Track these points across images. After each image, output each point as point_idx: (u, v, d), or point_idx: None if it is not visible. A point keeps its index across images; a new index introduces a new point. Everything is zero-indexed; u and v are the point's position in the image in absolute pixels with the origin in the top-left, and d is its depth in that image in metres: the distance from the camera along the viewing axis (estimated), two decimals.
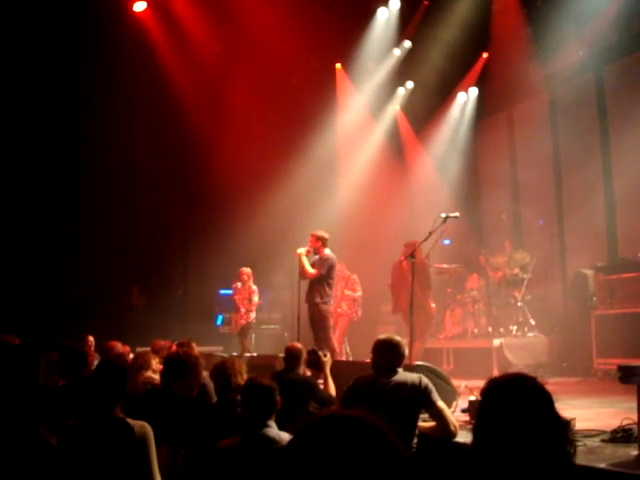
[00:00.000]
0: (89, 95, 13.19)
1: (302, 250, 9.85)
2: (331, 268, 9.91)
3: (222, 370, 5.07)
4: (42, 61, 13.25)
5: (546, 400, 2.29)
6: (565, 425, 2.31)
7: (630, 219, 11.77)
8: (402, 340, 5.38)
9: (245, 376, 4.95)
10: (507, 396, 2.29)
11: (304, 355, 6.57)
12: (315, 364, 6.70)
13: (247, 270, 12.87)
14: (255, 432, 3.94)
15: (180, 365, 5.16)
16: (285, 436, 3.93)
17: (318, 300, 9.75)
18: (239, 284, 12.90)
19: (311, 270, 9.75)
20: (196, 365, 5.26)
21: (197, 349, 7.48)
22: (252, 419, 4.00)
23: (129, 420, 3.83)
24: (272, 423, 4.02)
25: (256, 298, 12.82)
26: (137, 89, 13.49)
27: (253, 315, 12.83)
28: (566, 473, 2.21)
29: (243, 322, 12.75)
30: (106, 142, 13.58)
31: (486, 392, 2.37)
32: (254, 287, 12.83)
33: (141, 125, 13.61)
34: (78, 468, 3.67)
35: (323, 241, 9.93)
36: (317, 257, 9.95)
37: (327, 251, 9.94)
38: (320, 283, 9.81)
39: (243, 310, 12.77)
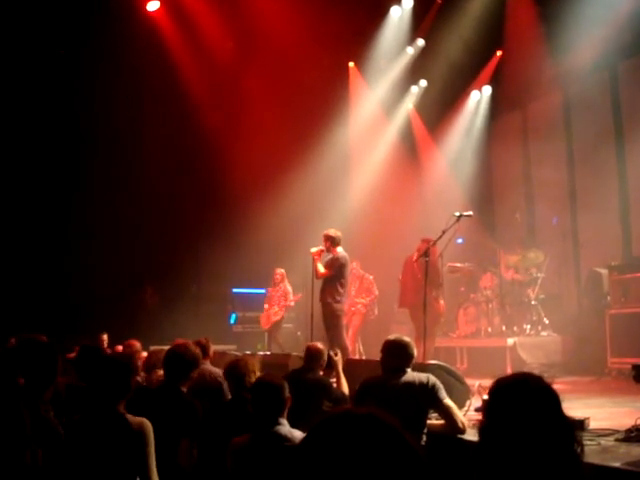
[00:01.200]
0: (101, 94, 13.21)
1: (315, 249, 9.85)
2: (342, 267, 9.87)
3: (235, 369, 5.10)
4: (55, 60, 13.32)
5: (552, 400, 2.29)
6: (572, 425, 2.31)
7: None
8: (411, 341, 5.41)
9: (258, 374, 4.98)
10: (513, 396, 2.30)
11: (324, 357, 6.55)
12: (327, 363, 6.70)
13: (280, 271, 13.13)
14: (266, 430, 3.96)
15: (182, 360, 5.16)
16: (297, 434, 3.94)
17: (330, 300, 9.74)
18: (274, 285, 13.10)
19: (322, 270, 9.76)
20: (196, 356, 5.27)
21: (212, 347, 7.52)
22: (263, 417, 4.02)
23: (128, 416, 3.88)
24: (284, 421, 4.03)
25: (291, 297, 13.12)
26: (149, 88, 13.57)
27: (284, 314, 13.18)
28: (574, 473, 2.21)
29: (278, 318, 13.05)
30: (118, 141, 13.63)
31: (493, 392, 2.38)
32: (289, 288, 13.14)
33: (154, 123, 13.68)
34: (78, 461, 3.75)
35: (332, 240, 9.88)
36: (330, 257, 9.95)
37: (339, 250, 9.91)
38: (332, 283, 9.80)
39: (277, 308, 12.95)
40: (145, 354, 7.76)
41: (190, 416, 4.71)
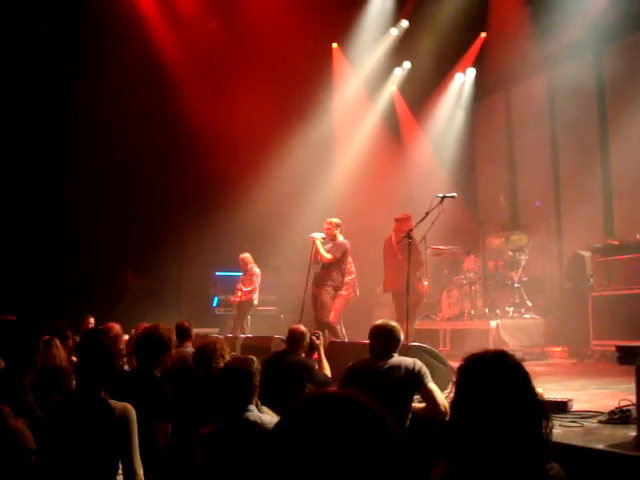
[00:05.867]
0: (80, 74, 13.04)
1: (318, 235, 10.17)
2: (345, 253, 10.35)
3: (203, 352, 5.03)
4: (34, 40, 13.16)
5: (522, 377, 2.31)
6: (541, 402, 2.32)
7: (627, 200, 11.73)
8: (398, 325, 5.42)
9: (228, 358, 4.93)
10: (484, 371, 2.32)
11: (307, 339, 6.54)
12: (310, 346, 6.67)
13: (242, 256, 12.89)
14: (236, 417, 3.86)
15: (151, 344, 5.08)
16: (267, 418, 3.87)
17: (328, 283, 10.16)
18: (244, 271, 12.96)
19: (327, 255, 10.08)
20: (169, 338, 5.18)
21: (194, 330, 7.48)
22: (232, 404, 3.92)
23: (111, 401, 3.82)
24: (252, 407, 3.94)
25: (256, 281, 12.79)
26: (131, 69, 13.40)
27: (254, 296, 12.80)
28: (540, 448, 2.21)
29: (238, 300, 12.80)
30: (99, 121, 13.48)
31: (464, 367, 2.39)
32: (255, 269, 12.85)
33: (135, 105, 13.52)
34: (58, 445, 3.68)
35: (341, 228, 10.36)
36: (331, 243, 10.27)
37: (341, 237, 10.32)
38: (333, 267, 10.21)
39: (240, 293, 12.77)
40: (126, 337, 7.72)
41: (162, 400, 4.65)
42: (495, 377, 2.28)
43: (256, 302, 12.84)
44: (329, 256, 10.09)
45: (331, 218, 10.46)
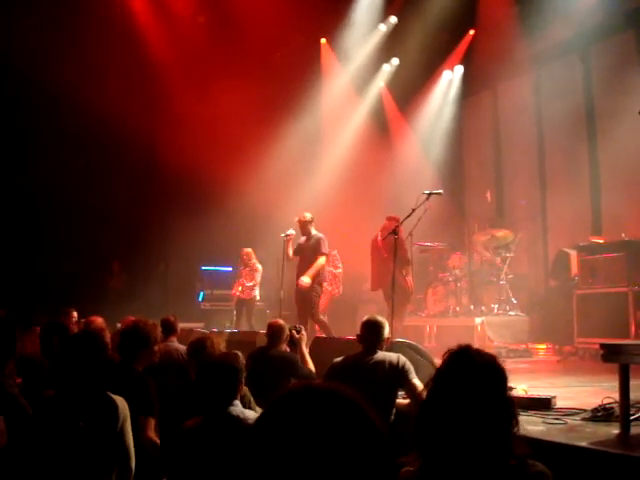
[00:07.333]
0: (61, 65, 12.94)
1: (291, 233, 10.11)
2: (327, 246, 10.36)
3: (202, 348, 4.97)
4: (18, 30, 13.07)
5: (497, 376, 2.31)
6: (512, 402, 2.32)
7: (614, 199, 11.77)
8: (384, 321, 5.45)
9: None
10: (458, 367, 2.33)
11: (286, 332, 6.54)
12: (290, 341, 6.66)
13: (246, 250, 12.91)
14: (220, 411, 3.83)
15: (141, 335, 5.04)
16: (250, 413, 3.85)
17: (316, 280, 10.07)
18: (244, 265, 12.94)
19: (322, 259, 10.10)
20: (149, 335, 5.12)
21: (180, 325, 7.45)
22: (217, 399, 3.87)
23: (110, 395, 3.79)
24: (236, 402, 3.91)
25: (258, 276, 12.85)
26: (117, 62, 13.34)
27: (256, 292, 12.87)
28: (505, 444, 2.21)
29: (241, 296, 12.85)
30: (82, 118, 13.38)
31: (444, 361, 2.41)
32: (258, 265, 12.87)
33: (119, 100, 13.43)
34: (57, 440, 3.62)
35: (313, 223, 10.28)
36: (315, 238, 10.14)
37: (315, 231, 10.25)
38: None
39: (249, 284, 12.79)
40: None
41: (143, 393, 4.60)
42: (463, 373, 2.29)
43: (258, 297, 12.95)
44: (323, 259, 10.12)
45: (305, 213, 10.33)
